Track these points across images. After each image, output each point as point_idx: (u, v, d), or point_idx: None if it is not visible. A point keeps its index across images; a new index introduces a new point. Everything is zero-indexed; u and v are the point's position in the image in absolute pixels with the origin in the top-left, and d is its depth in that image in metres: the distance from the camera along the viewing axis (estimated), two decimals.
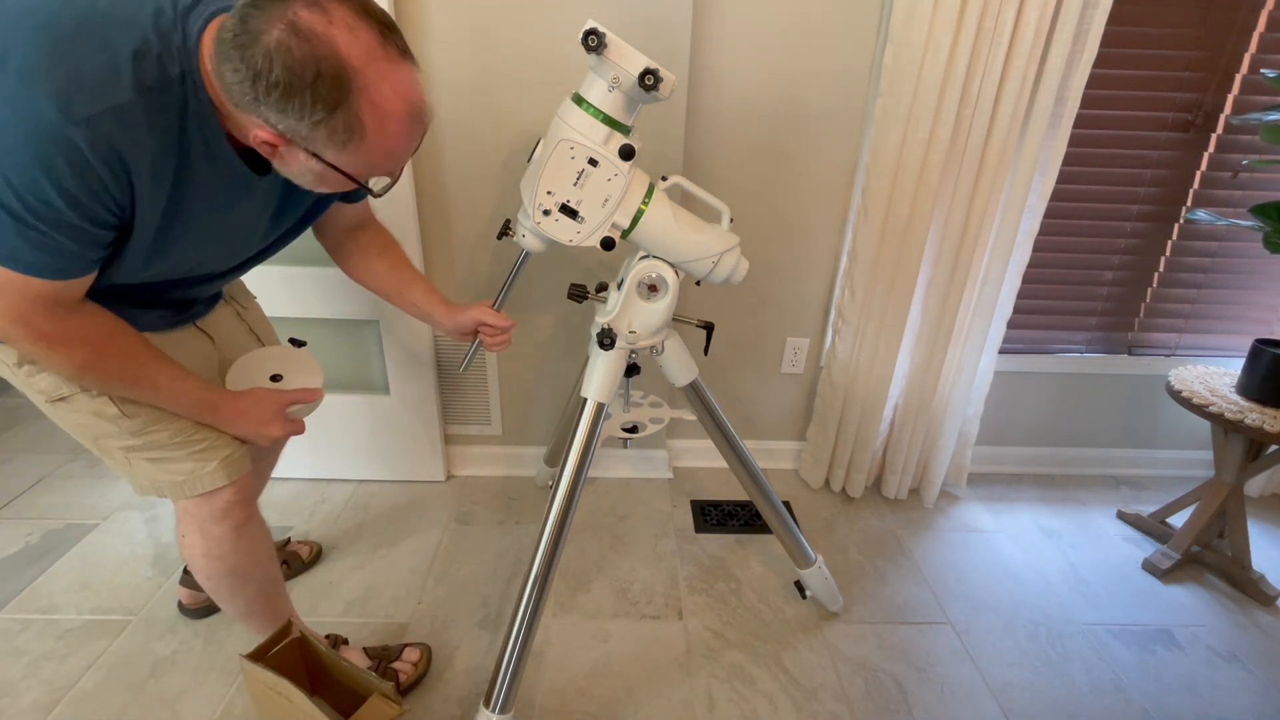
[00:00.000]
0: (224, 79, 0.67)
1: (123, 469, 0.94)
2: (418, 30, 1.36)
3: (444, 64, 1.39)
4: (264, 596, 1.08)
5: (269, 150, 0.71)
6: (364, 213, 1.09)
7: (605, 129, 0.92)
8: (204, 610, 1.34)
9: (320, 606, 1.39)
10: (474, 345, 1.15)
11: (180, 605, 1.35)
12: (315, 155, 0.71)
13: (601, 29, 0.86)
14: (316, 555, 1.52)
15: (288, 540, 1.53)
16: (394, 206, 1.46)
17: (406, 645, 1.25)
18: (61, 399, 0.86)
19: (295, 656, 1.05)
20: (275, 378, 1.02)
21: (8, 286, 0.71)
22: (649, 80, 0.88)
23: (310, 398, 1.00)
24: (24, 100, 0.63)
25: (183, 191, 0.76)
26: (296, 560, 1.48)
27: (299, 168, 0.73)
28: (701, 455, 1.92)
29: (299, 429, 1.00)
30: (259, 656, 0.99)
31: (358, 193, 0.98)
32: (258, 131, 0.69)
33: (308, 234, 1.04)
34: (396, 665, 1.21)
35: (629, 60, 0.88)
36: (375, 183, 0.77)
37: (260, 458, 1.27)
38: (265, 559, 1.07)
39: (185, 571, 1.34)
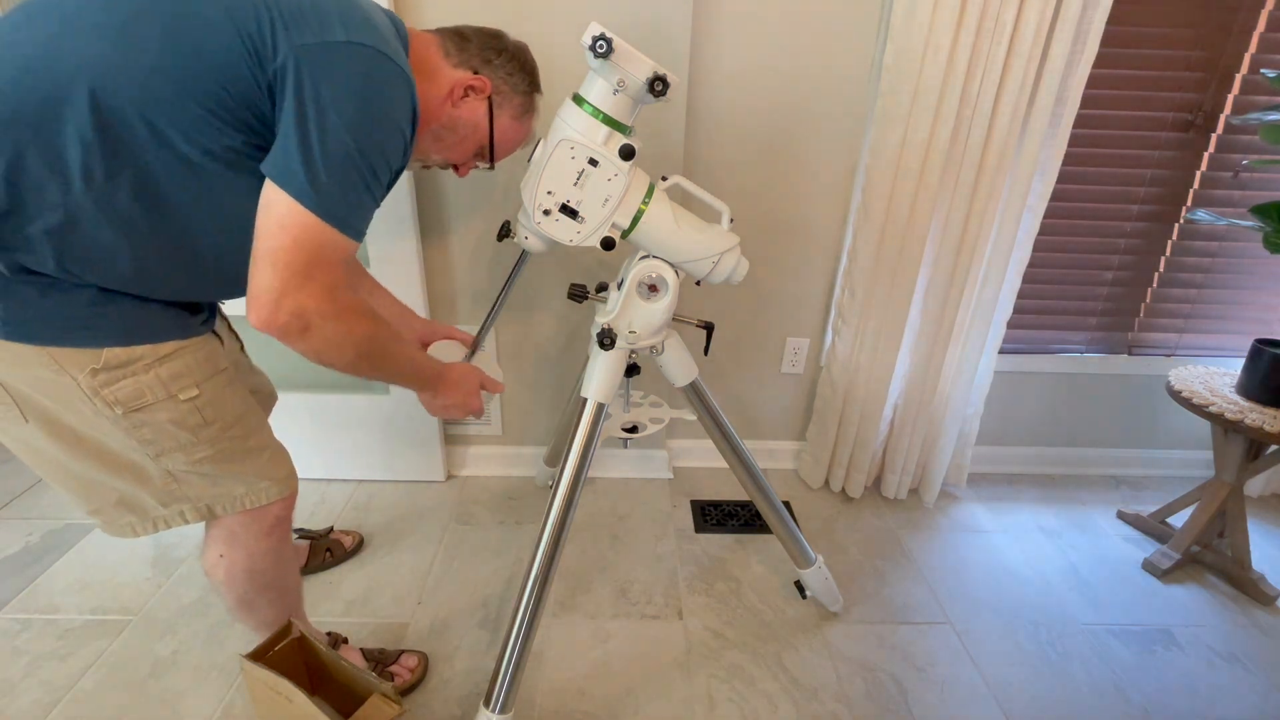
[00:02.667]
0: (462, 35, 0.90)
1: (155, 494, 0.87)
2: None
3: None
4: (293, 605, 1.10)
5: (461, 93, 0.89)
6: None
7: (605, 129, 0.92)
8: None
9: (320, 606, 1.39)
10: (475, 345, 1.16)
11: None
12: (492, 112, 0.91)
13: (609, 34, 0.85)
14: (358, 545, 1.55)
15: (330, 529, 1.55)
16: (394, 207, 1.46)
17: (404, 652, 1.25)
18: (140, 408, 0.80)
19: (295, 656, 1.05)
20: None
21: (332, 255, 0.72)
22: (658, 86, 0.88)
23: (497, 389, 1.09)
24: (385, 60, 0.73)
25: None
26: (340, 549, 1.51)
27: (462, 118, 0.90)
28: (701, 455, 1.92)
29: (481, 410, 1.06)
30: (259, 656, 0.99)
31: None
32: (467, 78, 0.88)
33: None
34: (393, 669, 1.21)
35: (636, 65, 0.88)
36: (490, 163, 0.99)
37: None
38: (295, 567, 1.09)
39: None
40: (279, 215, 0.70)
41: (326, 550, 1.49)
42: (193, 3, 0.69)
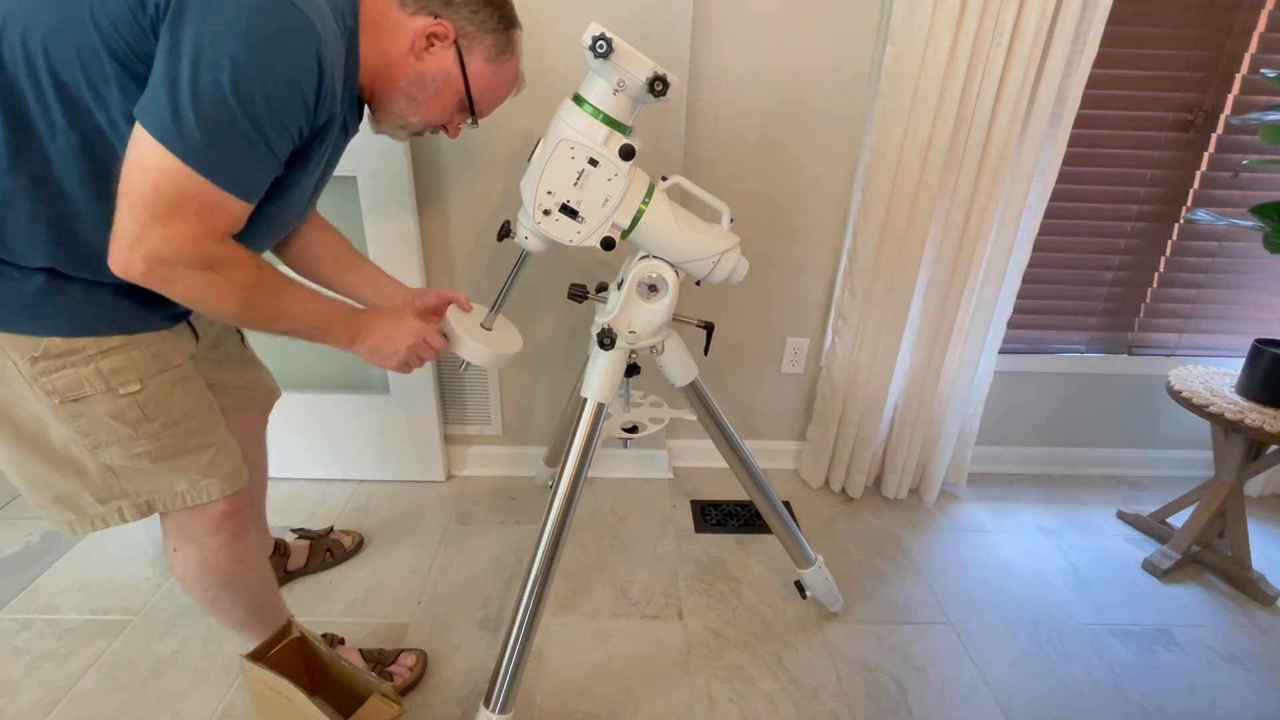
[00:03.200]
0: None
1: (93, 490, 0.86)
2: None
3: None
4: (262, 602, 1.07)
5: (424, 44, 0.81)
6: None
7: (605, 129, 0.92)
8: None
9: (320, 606, 1.39)
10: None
11: None
12: (462, 58, 0.84)
13: (609, 34, 0.85)
14: (358, 545, 1.55)
15: (330, 529, 1.54)
16: (394, 207, 1.46)
17: (403, 651, 1.25)
18: (77, 399, 0.79)
19: (295, 656, 1.05)
20: (484, 327, 1.07)
21: (200, 205, 0.67)
22: (658, 87, 0.88)
23: (442, 344, 0.98)
24: (284, 4, 0.66)
25: (319, 141, 0.78)
26: (339, 549, 1.50)
27: (429, 71, 0.83)
28: (701, 455, 1.92)
29: (433, 348, 0.96)
30: (259, 656, 0.99)
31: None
32: (427, 25, 0.80)
33: None
34: (392, 669, 1.21)
35: (636, 65, 0.88)
36: (476, 118, 0.91)
37: (256, 459, 1.27)
38: (260, 563, 1.06)
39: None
40: (140, 156, 0.65)
41: (326, 550, 1.49)
42: None
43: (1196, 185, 1.68)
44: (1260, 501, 1.92)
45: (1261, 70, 1.47)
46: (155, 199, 0.65)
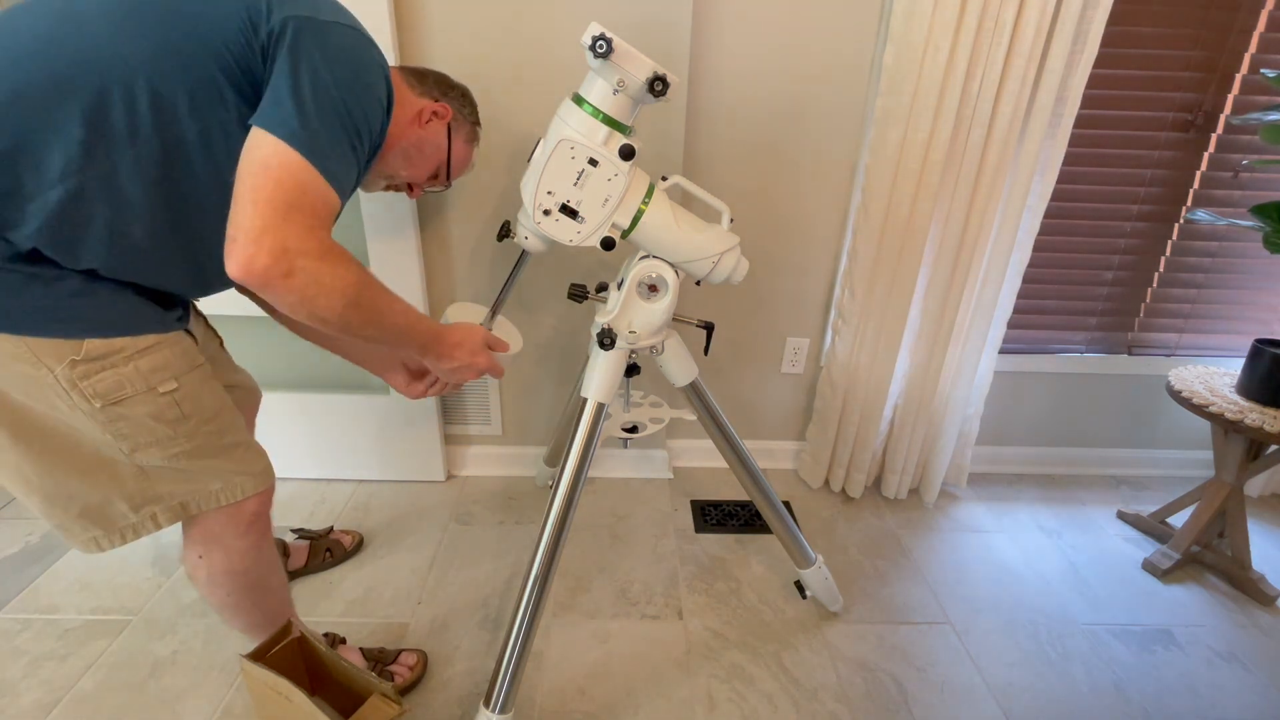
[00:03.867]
0: (420, 72, 1.03)
1: (127, 496, 0.86)
2: (417, 32, 1.36)
3: (443, 65, 1.39)
4: (280, 604, 1.08)
5: (428, 117, 0.99)
6: None
7: (605, 129, 0.92)
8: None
9: (320, 606, 1.39)
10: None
11: None
12: (450, 137, 1.04)
13: (609, 34, 0.85)
14: (358, 544, 1.55)
15: (330, 529, 1.55)
16: (394, 207, 1.46)
17: (403, 650, 1.25)
18: (119, 400, 0.79)
19: (295, 656, 1.05)
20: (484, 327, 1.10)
21: (315, 198, 0.73)
22: (658, 86, 0.88)
23: (504, 347, 1.08)
24: (370, 44, 0.83)
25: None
26: (339, 549, 1.51)
27: (428, 139, 1.01)
28: (701, 455, 1.92)
29: (499, 371, 1.05)
30: (259, 656, 0.99)
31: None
32: (431, 106, 1.00)
33: None
34: (393, 668, 1.21)
35: (636, 65, 0.88)
36: (444, 185, 1.11)
37: None
38: (280, 566, 1.07)
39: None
40: (264, 156, 0.71)
41: (326, 550, 1.49)
42: None
43: (1196, 185, 1.68)
44: (1260, 501, 1.92)
45: (1261, 70, 1.47)
46: (278, 193, 0.70)
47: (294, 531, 1.52)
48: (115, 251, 0.75)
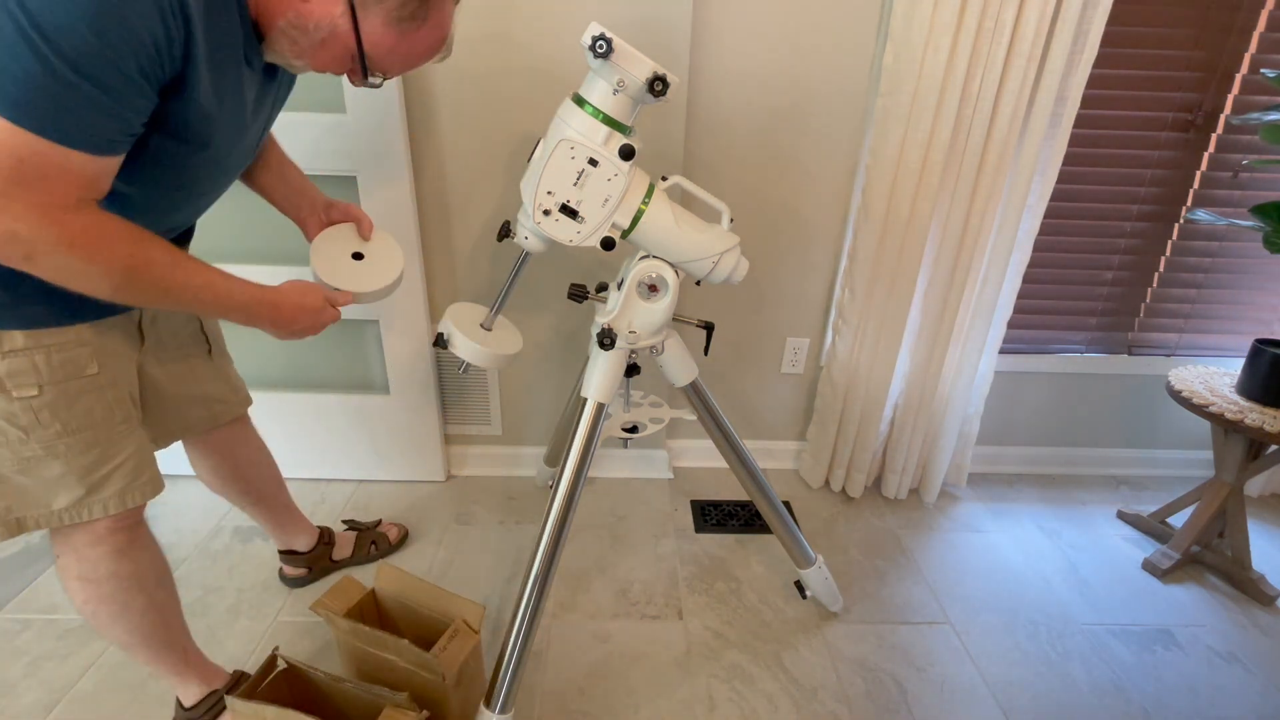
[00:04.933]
0: None
1: None
2: None
3: (443, 65, 1.39)
4: (151, 628, 0.98)
5: None
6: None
7: (605, 129, 0.92)
8: (299, 581, 1.42)
9: None
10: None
11: (281, 574, 1.43)
12: (354, 11, 0.72)
13: (609, 34, 0.85)
14: (403, 538, 1.57)
15: (378, 522, 1.57)
16: (394, 208, 1.46)
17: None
18: None
19: (283, 690, 1.01)
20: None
21: (40, 168, 0.60)
22: (658, 86, 0.88)
23: (348, 299, 0.96)
24: None
25: (223, 87, 0.72)
26: (385, 542, 1.53)
27: (311, 17, 0.72)
28: (701, 455, 1.92)
29: (336, 316, 0.94)
30: (249, 694, 0.95)
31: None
32: None
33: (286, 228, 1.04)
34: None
35: (636, 65, 0.88)
36: (376, 78, 0.79)
37: (257, 461, 1.27)
38: (152, 584, 0.97)
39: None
40: None
41: (372, 543, 1.50)
42: None
43: (1196, 185, 1.68)
44: (1260, 501, 1.92)
45: (1261, 70, 1.47)
46: None
47: (344, 522, 1.55)
48: None
